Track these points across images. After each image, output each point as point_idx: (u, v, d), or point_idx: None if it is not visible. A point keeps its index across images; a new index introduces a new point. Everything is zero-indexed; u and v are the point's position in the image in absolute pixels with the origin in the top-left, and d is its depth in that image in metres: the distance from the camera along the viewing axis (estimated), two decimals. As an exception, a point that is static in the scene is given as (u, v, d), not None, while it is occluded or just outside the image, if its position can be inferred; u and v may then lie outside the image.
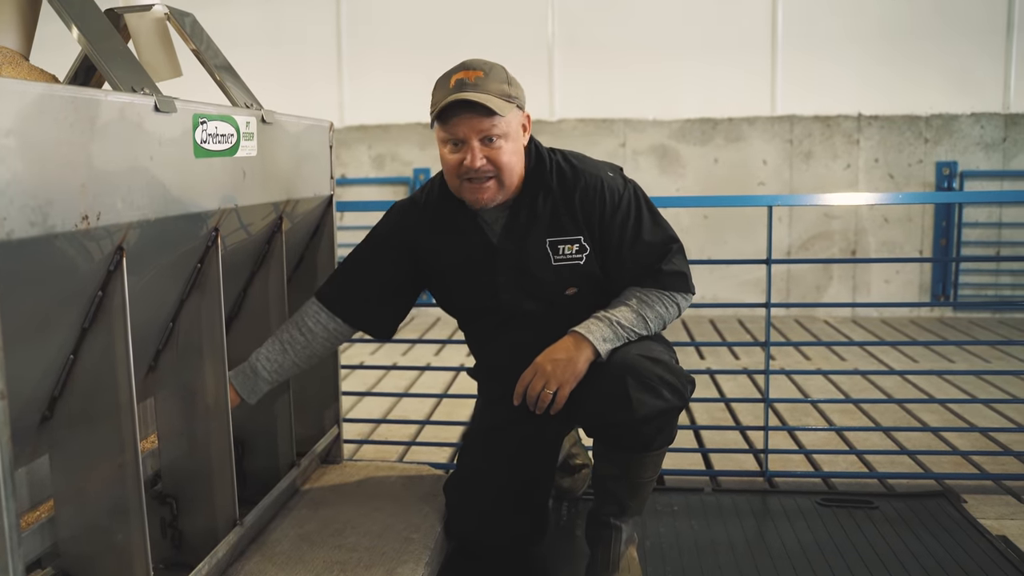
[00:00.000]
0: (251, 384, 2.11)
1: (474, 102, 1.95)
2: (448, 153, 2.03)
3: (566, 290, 2.12)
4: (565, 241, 2.10)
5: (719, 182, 6.19)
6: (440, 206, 2.18)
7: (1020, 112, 6.01)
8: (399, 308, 2.28)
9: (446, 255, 2.18)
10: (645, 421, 1.97)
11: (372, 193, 6.51)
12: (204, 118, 1.69)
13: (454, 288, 2.22)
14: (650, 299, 2.08)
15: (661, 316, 2.09)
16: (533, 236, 2.11)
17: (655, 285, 2.09)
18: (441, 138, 2.04)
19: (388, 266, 2.22)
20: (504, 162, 2.01)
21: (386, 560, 2.01)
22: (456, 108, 1.97)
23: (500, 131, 1.99)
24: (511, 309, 2.15)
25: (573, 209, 2.09)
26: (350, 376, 4.34)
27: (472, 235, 2.15)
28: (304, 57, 6.62)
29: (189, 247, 1.75)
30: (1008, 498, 2.71)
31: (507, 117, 2.00)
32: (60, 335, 1.46)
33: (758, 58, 6.24)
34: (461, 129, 1.99)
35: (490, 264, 2.14)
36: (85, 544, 1.59)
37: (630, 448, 2.03)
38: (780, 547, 2.36)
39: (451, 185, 2.09)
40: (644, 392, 1.95)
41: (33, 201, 1.19)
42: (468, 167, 1.99)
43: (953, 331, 5.65)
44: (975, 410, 3.63)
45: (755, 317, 6.12)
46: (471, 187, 2.03)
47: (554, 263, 2.10)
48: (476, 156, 1.99)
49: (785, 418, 3.62)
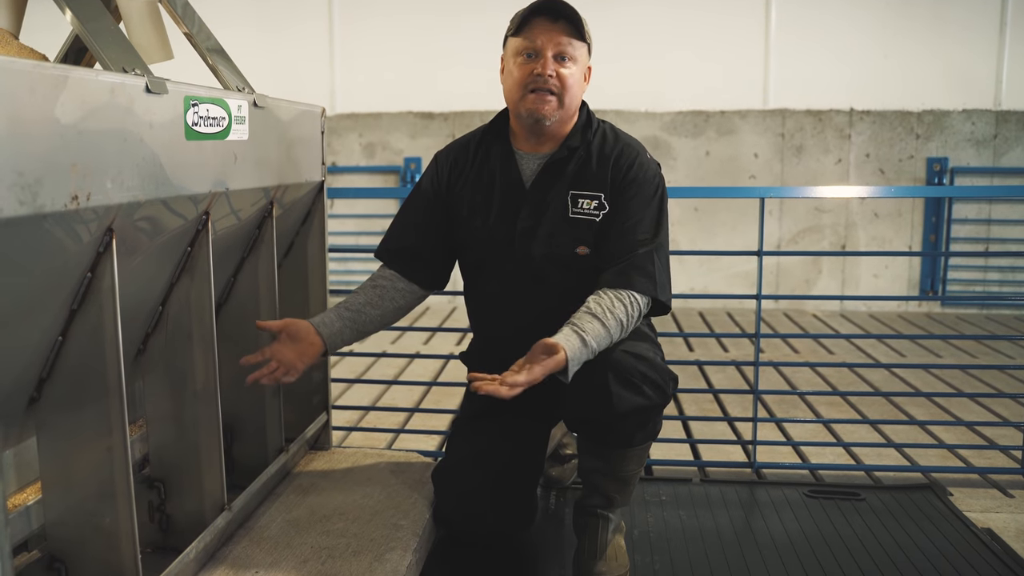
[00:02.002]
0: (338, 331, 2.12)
1: (561, 12, 2.03)
2: (518, 66, 2.07)
3: (577, 248, 2.11)
4: (586, 196, 2.11)
5: (710, 175, 6.20)
6: (486, 144, 2.22)
7: (1011, 109, 6.04)
8: (445, 257, 2.29)
9: (477, 194, 2.19)
10: (625, 418, 1.97)
11: (362, 181, 6.50)
12: (195, 100, 1.68)
13: (474, 232, 2.21)
14: (616, 310, 1.97)
15: (623, 327, 1.99)
16: (558, 187, 2.13)
17: (621, 283, 2.01)
18: (514, 50, 2.07)
19: (428, 214, 2.25)
20: (570, 84, 2.06)
21: (374, 546, 2.01)
22: (542, 15, 2.04)
23: (574, 54, 2.05)
24: (523, 263, 2.14)
25: (605, 169, 2.11)
26: (340, 363, 4.34)
27: (507, 178, 2.17)
28: (296, 43, 6.58)
29: (179, 230, 1.74)
30: (993, 491, 2.73)
31: (582, 48, 2.07)
32: (48, 316, 1.44)
33: (750, 51, 6.24)
34: (540, 38, 2.03)
35: (515, 207, 2.15)
36: (72, 527, 1.58)
37: (611, 444, 2.04)
38: (768, 538, 2.37)
39: (513, 99, 2.10)
40: (625, 389, 1.95)
41: (22, 180, 1.18)
42: (539, 74, 2.03)
43: (940, 326, 5.69)
44: (961, 404, 3.65)
45: (744, 310, 6.14)
46: (535, 97, 2.05)
47: (571, 215, 2.11)
48: (549, 64, 2.03)
49: (773, 410, 3.64)
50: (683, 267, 6.16)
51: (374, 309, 2.20)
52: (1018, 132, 6.00)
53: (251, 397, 2.24)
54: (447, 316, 6.00)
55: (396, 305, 2.24)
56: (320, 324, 2.10)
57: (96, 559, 1.58)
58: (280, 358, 2.02)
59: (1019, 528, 2.43)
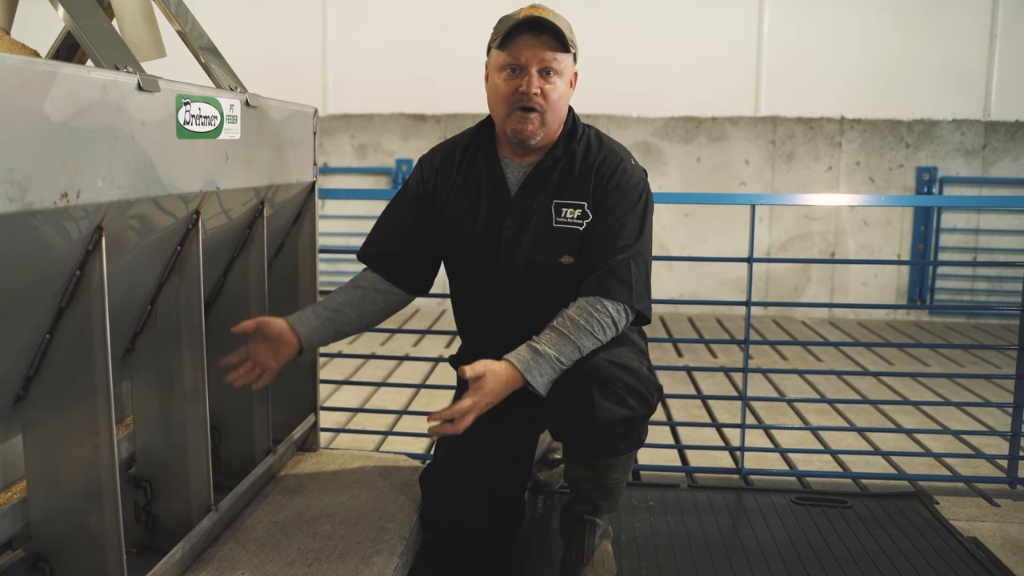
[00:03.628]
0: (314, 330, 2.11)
1: (545, 27, 2.00)
2: (503, 81, 2.05)
3: (561, 257, 2.11)
4: (569, 205, 2.10)
5: (701, 181, 6.21)
6: (471, 151, 2.21)
7: (1000, 120, 6.07)
8: (428, 263, 2.28)
9: (462, 202, 2.19)
10: (608, 428, 1.96)
11: (354, 182, 6.48)
12: (187, 99, 1.68)
13: (460, 239, 2.20)
14: (586, 321, 1.96)
15: (596, 338, 1.98)
16: (543, 196, 2.12)
17: (597, 291, 2.00)
18: (498, 64, 2.06)
19: (413, 218, 2.24)
20: (554, 100, 2.05)
21: (360, 549, 2.00)
22: (526, 30, 2.01)
23: (558, 67, 2.04)
24: (508, 271, 2.14)
25: (587, 177, 2.10)
26: (328, 364, 4.32)
27: (493, 186, 2.16)
28: (288, 45, 6.57)
29: (169, 229, 1.73)
30: (979, 500, 2.74)
31: (567, 59, 2.05)
32: (36, 314, 1.43)
33: (743, 58, 6.26)
34: (524, 54, 2.02)
35: (500, 217, 2.14)
36: (57, 526, 1.57)
37: (596, 453, 2.03)
38: (755, 544, 2.38)
39: (498, 115, 2.10)
40: (608, 399, 1.94)
41: (11, 176, 1.17)
42: (524, 92, 2.02)
43: (928, 334, 5.71)
44: (948, 413, 3.67)
45: (733, 316, 6.15)
46: (519, 116, 2.04)
47: (555, 224, 2.10)
48: (533, 82, 2.02)
49: (761, 416, 3.64)
50: (673, 272, 6.17)
51: (353, 310, 2.19)
52: (1007, 143, 6.04)
53: (239, 397, 2.23)
54: (436, 319, 5.99)
55: (377, 307, 2.23)
56: (296, 322, 2.09)
57: (81, 559, 1.57)
58: (256, 358, 2.02)
59: (1005, 537, 2.44)
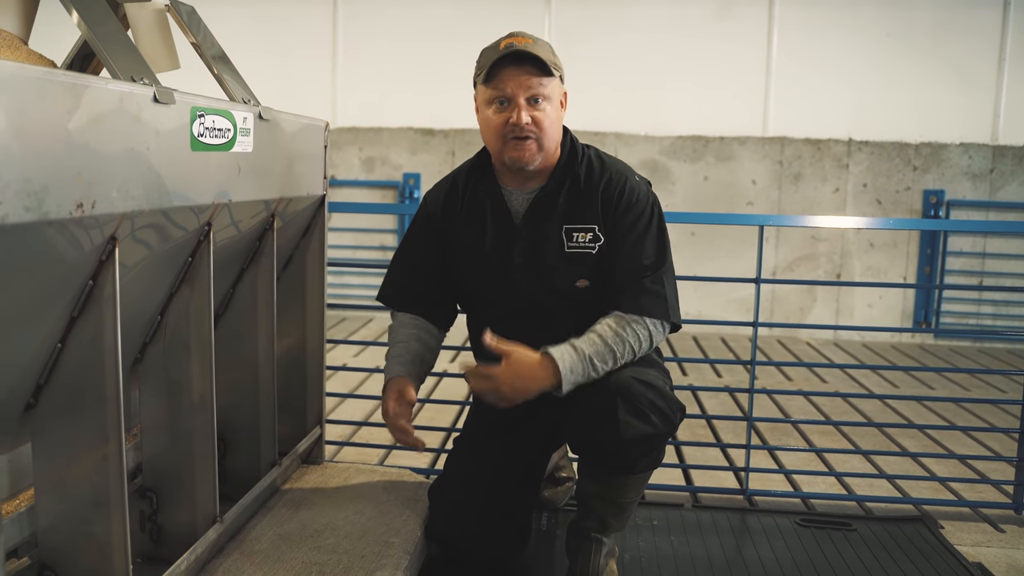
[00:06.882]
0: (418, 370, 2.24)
1: (526, 57, 2.01)
2: (493, 114, 2.07)
3: (577, 281, 2.12)
4: (580, 229, 2.11)
5: (708, 200, 6.22)
6: (472, 182, 2.23)
7: (1008, 144, 6.08)
8: (453, 296, 2.34)
9: (469, 233, 2.20)
10: (630, 444, 1.97)
11: (361, 195, 6.50)
12: (202, 111, 1.69)
13: (472, 269, 2.22)
14: (625, 333, 2.01)
15: (633, 351, 2.02)
16: (552, 222, 2.13)
17: (633, 308, 2.04)
18: (486, 99, 2.07)
19: (430, 256, 2.28)
20: (546, 125, 2.06)
21: (365, 563, 1.99)
22: (508, 63, 2.02)
23: (545, 93, 2.04)
24: (524, 296, 2.15)
25: (594, 200, 2.11)
26: (333, 377, 4.32)
27: (497, 215, 2.17)
28: (298, 57, 6.61)
29: (181, 240, 1.74)
30: (984, 526, 2.73)
31: (552, 82, 2.06)
32: (48, 323, 1.44)
33: (751, 79, 6.28)
34: (510, 85, 2.03)
35: (509, 246, 2.15)
36: (64, 535, 1.57)
37: (613, 469, 2.03)
38: (758, 565, 2.37)
39: (493, 148, 2.12)
40: (632, 415, 1.95)
41: (28, 186, 1.18)
42: (514, 124, 2.03)
43: (934, 358, 5.69)
44: (954, 437, 3.66)
45: (737, 336, 6.14)
46: (515, 144, 2.05)
47: (567, 250, 2.11)
48: (522, 113, 2.03)
49: (766, 437, 3.63)
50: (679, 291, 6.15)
51: (431, 354, 2.30)
52: (1014, 167, 6.04)
53: (246, 409, 2.24)
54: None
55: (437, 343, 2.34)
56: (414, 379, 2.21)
57: (87, 568, 1.57)
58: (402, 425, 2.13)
59: (1010, 563, 2.43)
